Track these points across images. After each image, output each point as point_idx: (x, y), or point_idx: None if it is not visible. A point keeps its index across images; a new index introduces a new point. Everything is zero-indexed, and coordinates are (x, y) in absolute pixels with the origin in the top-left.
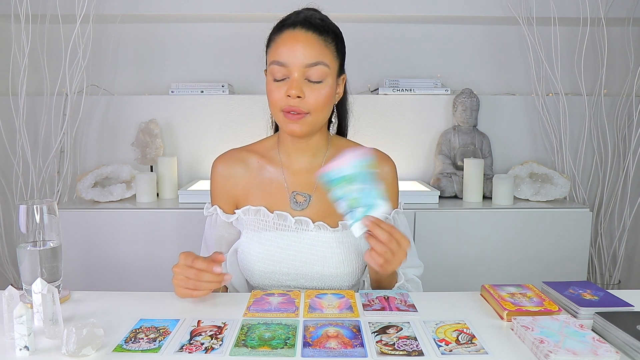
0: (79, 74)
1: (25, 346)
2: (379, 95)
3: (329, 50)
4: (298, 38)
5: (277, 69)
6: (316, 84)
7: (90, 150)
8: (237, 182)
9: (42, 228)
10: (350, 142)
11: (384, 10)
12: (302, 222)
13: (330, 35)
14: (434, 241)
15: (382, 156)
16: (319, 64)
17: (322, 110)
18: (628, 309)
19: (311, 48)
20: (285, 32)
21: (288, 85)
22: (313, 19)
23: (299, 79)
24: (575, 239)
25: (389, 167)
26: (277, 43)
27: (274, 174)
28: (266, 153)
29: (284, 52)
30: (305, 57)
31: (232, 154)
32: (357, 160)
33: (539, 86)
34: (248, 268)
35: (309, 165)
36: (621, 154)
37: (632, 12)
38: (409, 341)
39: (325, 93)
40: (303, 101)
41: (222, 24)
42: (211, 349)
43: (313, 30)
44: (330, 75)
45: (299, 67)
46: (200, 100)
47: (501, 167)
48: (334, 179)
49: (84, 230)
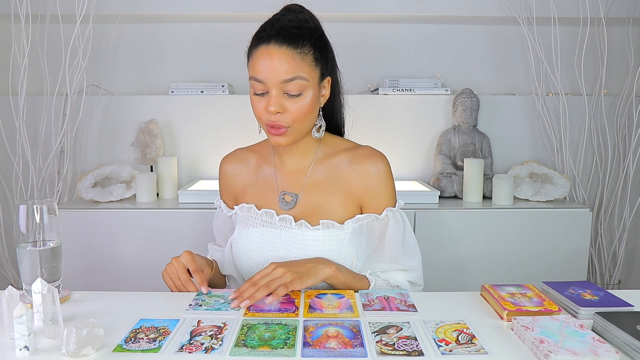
0: (79, 74)
1: (25, 346)
2: (379, 95)
3: (305, 63)
4: (272, 54)
5: (256, 84)
6: (296, 97)
7: (90, 150)
8: (238, 180)
9: (42, 228)
10: (344, 140)
11: (384, 11)
12: (286, 219)
13: (306, 45)
14: (434, 241)
15: (374, 153)
16: (295, 79)
17: (303, 120)
18: (628, 309)
19: (286, 65)
20: (260, 48)
21: (266, 101)
22: (288, 29)
23: (277, 95)
24: (575, 239)
25: (381, 164)
26: (254, 58)
27: (268, 174)
28: (263, 154)
29: (260, 68)
30: (281, 73)
31: (237, 154)
32: None
33: (539, 86)
34: (238, 262)
35: (298, 166)
36: (621, 154)
37: (632, 12)
38: (409, 341)
39: (306, 104)
40: (283, 115)
41: (222, 24)
42: (211, 349)
43: (288, 44)
44: (310, 86)
45: (275, 83)
46: (200, 100)
47: (501, 167)
48: None
49: (84, 230)
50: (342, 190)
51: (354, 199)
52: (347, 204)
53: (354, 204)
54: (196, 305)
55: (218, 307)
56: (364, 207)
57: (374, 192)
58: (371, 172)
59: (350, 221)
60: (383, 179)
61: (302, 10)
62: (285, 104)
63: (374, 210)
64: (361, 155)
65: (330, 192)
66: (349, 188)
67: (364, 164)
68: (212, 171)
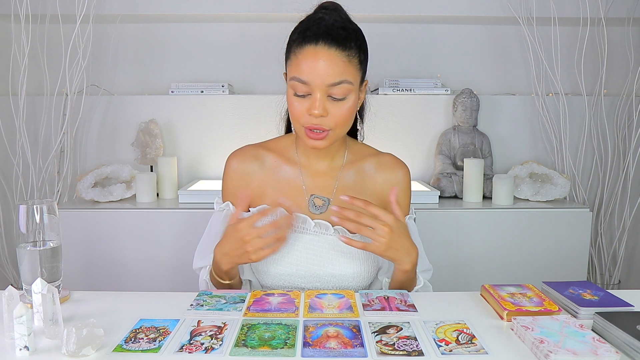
0: (79, 74)
1: (25, 346)
2: (379, 95)
3: (352, 66)
4: (321, 56)
5: (298, 85)
6: (340, 101)
7: (90, 150)
8: (252, 179)
9: (42, 228)
10: (364, 145)
11: (384, 10)
12: (322, 225)
13: (353, 48)
14: (434, 241)
15: (397, 162)
16: (342, 83)
17: (345, 124)
18: (628, 309)
19: (334, 67)
20: (307, 48)
21: (310, 104)
22: (335, 30)
23: (322, 99)
24: (575, 239)
25: (403, 173)
26: (299, 58)
27: (292, 175)
28: (283, 152)
29: (306, 69)
30: (329, 76)
31: (248, 150)
32: None
33: (539, 86)
34: (262, 269)
35: (328, 169)
36: (621, 154)
37: (632, 12)
38: (409, 341)
39: (348, 108)
40: (326, 119)
41: (222, 24)
42: (211, 349)
43: (337, 46)
44: (354, 90)
45: (321, 86)
46: (200, 100)
47: (501, 167)
48: None
49: (84, 230)
50: (371, 196)
51: (381, 206)
52: None
53: None
54: (197, 305)
55: (220, 307)
56: None
57: (398, 200)
58: (396, 180)
59: None
60: (405, 188)
61: (341, 9)
62: (329, 108)
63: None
64: (387, 163)
65: (362, 197)
66: (376, 194)
67: (390, 172)
68: (212, 171)
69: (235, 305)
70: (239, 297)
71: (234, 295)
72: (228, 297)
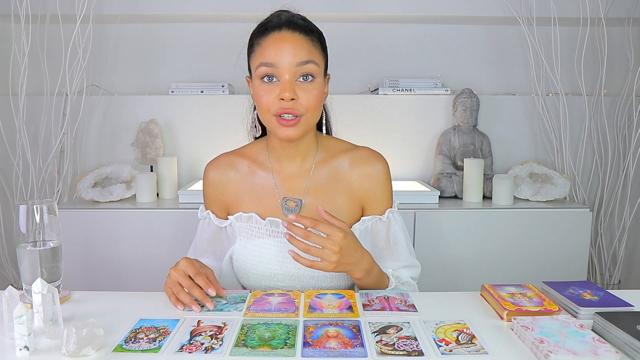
0: (79, 74)
1: (25, 346)
2: (379, 95)
3: (316, 49)
4: (286, 38)
5: (266, 70)
6: (308, 84)
7: (90, 150)
8: (228, 188)
9: (42, 228)
10: (340, 141)
11: (384, 11)
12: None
13: (315, 35)
14: (434, 241)
15: (374, 155)
16: (309, 62)
17: (315, 110)
18: (628, 309)
19: (301, 48)
20: (271, 34)
21: (280, 88)
22: (296, 20)
23: (290, 80)
24: (575, 239)
25: (381, 165)
26: (263, 46)
27: (265, 180)
28: (256, 158)
29: (272, 53)
30: (295, 56)
31: (223, 159)
32: None
33: (539, 86)
34: (244, 272)
35: (299, 170)
36: (621, 154)
37: (632, 12)
38: (409, 341)
39: (317, 93)
40: (297, 103)
41: (222, 23)
42: (211, 349)
43: (300, 31)
44: (320, 74)
45: (289, 67)
46: (200, 100)
47: (501, 167)
48: None
49: (84, 230)
50: (345, 193)
51: (356, 201)
52: (351, 207)
53: (357, 206)
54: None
55: (220, 307)
56: (365, 208)
57: (376, 194)
58: (372, 174)
59: (357, 224)
60: (384, 181)
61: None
62: (298, 92)
63: (376, 212)
64: (361, 157)
65: (334, 195)
66: (351, 190)
67: (365, 166)
68: None
69: (236, 306)
70: (239, 297)
71: (234, 295)
72: (228, 297)
